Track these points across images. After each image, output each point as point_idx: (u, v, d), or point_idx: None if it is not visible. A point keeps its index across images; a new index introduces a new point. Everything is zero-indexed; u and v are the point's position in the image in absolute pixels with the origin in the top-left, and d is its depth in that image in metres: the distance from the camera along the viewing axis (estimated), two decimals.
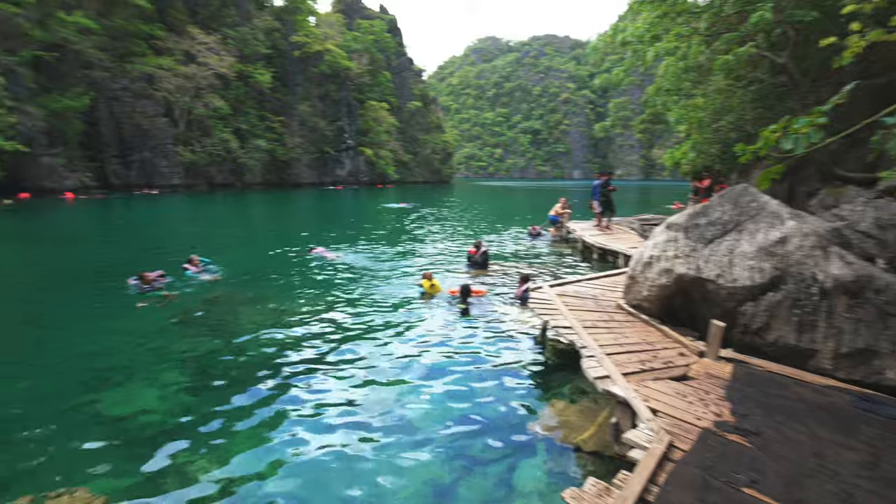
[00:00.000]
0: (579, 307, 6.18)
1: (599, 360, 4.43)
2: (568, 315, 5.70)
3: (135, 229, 21.08)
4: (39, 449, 4.27)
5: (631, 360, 4.53)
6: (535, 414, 5.00)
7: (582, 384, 5.54)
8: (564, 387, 5.62)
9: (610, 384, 4.00)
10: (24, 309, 9.20)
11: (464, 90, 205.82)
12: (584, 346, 4.78)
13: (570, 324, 5.41)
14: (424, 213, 29.06)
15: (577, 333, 5.13)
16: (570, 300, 6.49)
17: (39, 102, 35.08)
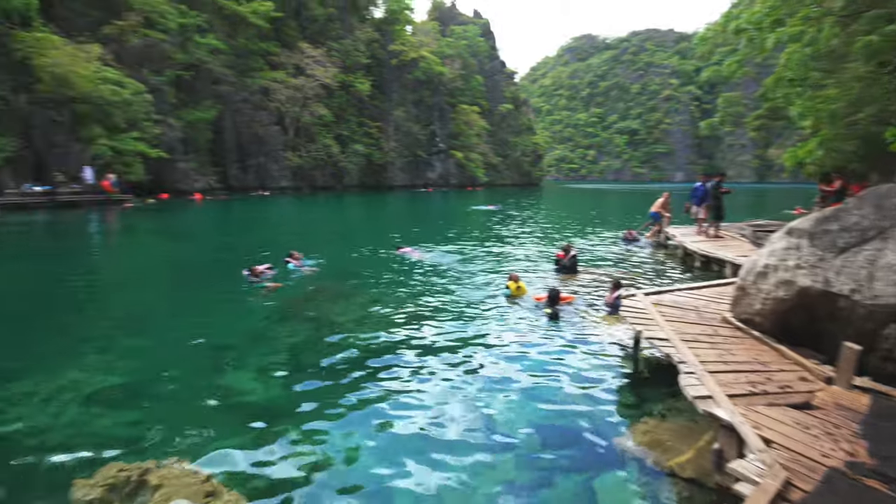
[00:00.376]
0: (678, 318, 5.69)
1: (700, 378, 4.03)
2: (665, 326, 5.27)
3: (250, 226, 23.41)
4: (159, 418, 4.82)
5: (738, 380, 4.06)
6: (624, 429, 4.68)
7: (678, 402, 5.08)
8: (657, 403, 5.20)
9: (712, 405, 3.61)
10: (158, 293, 10.62)
11: (556, 91, 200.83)
12: (683, 362, 4.37)
13: (666, 336, 4.99)
14: (512, 215, 28.77)
15: (674, 346, 4.71)
16: (667, 310, 6.00)
17: (178, 115, 40.37)
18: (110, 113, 31.32)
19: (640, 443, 4.41)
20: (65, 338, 7.31)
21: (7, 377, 5.55)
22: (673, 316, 5.76)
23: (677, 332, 5.08)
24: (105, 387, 5.42)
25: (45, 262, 13.84)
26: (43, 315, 8.46)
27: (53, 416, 4.75)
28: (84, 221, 23.34)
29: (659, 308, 6.04)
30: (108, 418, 4.78)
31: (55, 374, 5.64)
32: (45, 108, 29.68)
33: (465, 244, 16.31)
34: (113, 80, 31.39)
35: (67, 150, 30.43)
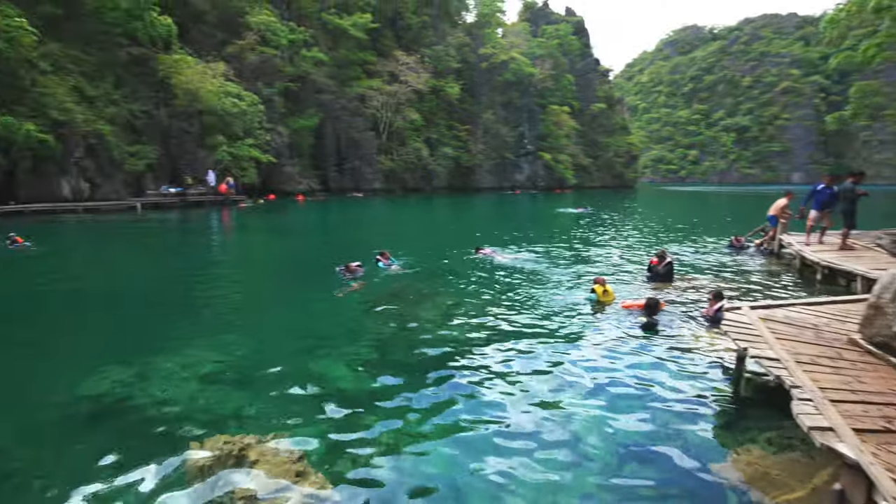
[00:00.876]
0: (792, 337, 5.06)
1: (819, 407, 3.55)
2: (775, 345, 4.72)
3: (345, 226, 24.92)
4: (259, 398, 5.27)
5: (868, 412, 3.51)
6: (723, 458, 4.25)
7: (789, 432, 4.53)
8: (763, 431, 4.65)
9: (833, 439, 3.16)
10: (264, 285, 11.70)
11: (654, 87, 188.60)
12: (797, 386, 3.88)
13: (777, 356, 4.46)
14: (602, 218, 27.55)
15: (787, 369, 4.20)
16: (778, 327, 5.37)
17: (286, 123, 44.14)
18: (230, 123, 35.09)
19: (743, 474, 3.99)
20: (185, 322, 8.28)
21: (137, 355, 6.40)
22: (786, 334, 5.14)
23: (791, 353, 4.52)
24: (214, 368, 6.03)
25: (175, 254, 15.91)
26: (168, 301, 9.70)
27: (173, 390, 5.41)
28: (207, 219, 26.40)
29: (768, 324, 5.43)
30: (216, 395, 5.33)
31: (175, 355, 6.39)
32: (179, 120, 34.06)
33: (550, 247, 15.92)
34: (233, 94, 35.13)
35: (195, 157, 34.64)
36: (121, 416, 4.88)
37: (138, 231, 21.80)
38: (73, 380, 5.61)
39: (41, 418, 4.92)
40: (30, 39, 24.89)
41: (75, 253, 16.44)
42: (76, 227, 22.46)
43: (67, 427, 4.75)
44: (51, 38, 27.76)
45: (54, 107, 25.66)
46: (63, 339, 7.49)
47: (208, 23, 40.99)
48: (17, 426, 4.83)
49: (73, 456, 4.24)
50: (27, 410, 5.14)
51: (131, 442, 4.40)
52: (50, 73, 26.92)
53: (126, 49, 32.28)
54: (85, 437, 4.60)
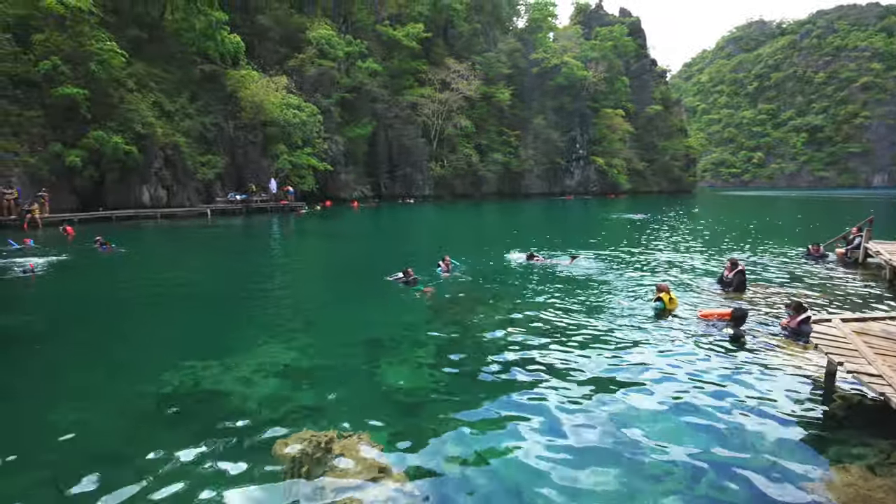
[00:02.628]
0: (893, 352, 4.74)
1: None
2: (876, 360, 4.44)
3: (399, 231, 25.48)
4: (333, 396, 5.52)
5: None
6: (817, 477, 4.04)
7: (893, 452, 4.25)
8: (860, 451, 4.39)
9: None
10: (328, 288, 12.20)
11: (715, 87, 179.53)
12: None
13: (880, 372, 4.20)
14: (662, 225, 26.56)
15: (892, 386, 3.95)
16: (875, 341, 5.03)
17: (342, 132, 45.76)
18: (291, 133, 36.86)
19: (842, 495, 3.79)
20: (256, 321, 8.81)
21: (217, 351, 6.89)
22: (885, 349, 4.81)
23: (895, 370, 4.25)
24: (289, 366, 6.38)
25: (242, 258, 16.90)
26: (241, 302, 10.33)
27: (254, 386, 5.76)
28: (269, 225, 27.81)
29: (864, 338, 5.10)
30: (292, 391, 5.65)
31: (251, 352, 6.83)
32: (245, 131, 36.16)
33: (609, 254, 15.56)
34: (294, 105, 36.89)
35: (259, 166, 36.62)
36: (208, 408, 5.24)
37: (209, 236, 23.32)
38: (162, 373, 6.07)
39: (135, 408, 5.33)
40: (119, 61, 27.36)
41: (156, 256, 17.85)
42: (155, 231, 24.34)
43: (156, 418, 5.11)
44: (136, 58, 30.35)
45: (138, 121, 28.02)
46: (149, 335, 8.19)
47: (272, 39, 43.35)
48: (114, 412, 5.26)
49: (168, 443, 4.55)
50: (121, 400, 5.58)
51: (221, 432, 4.72)
52: (135, 91, 29.43)
53: (200, 66, 34.74)
54: (177, 426, 4.95)
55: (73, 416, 5.11)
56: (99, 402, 5.58)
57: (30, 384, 6.12)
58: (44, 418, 5.09)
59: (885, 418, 4.56)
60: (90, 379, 6.29)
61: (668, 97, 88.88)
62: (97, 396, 5.74)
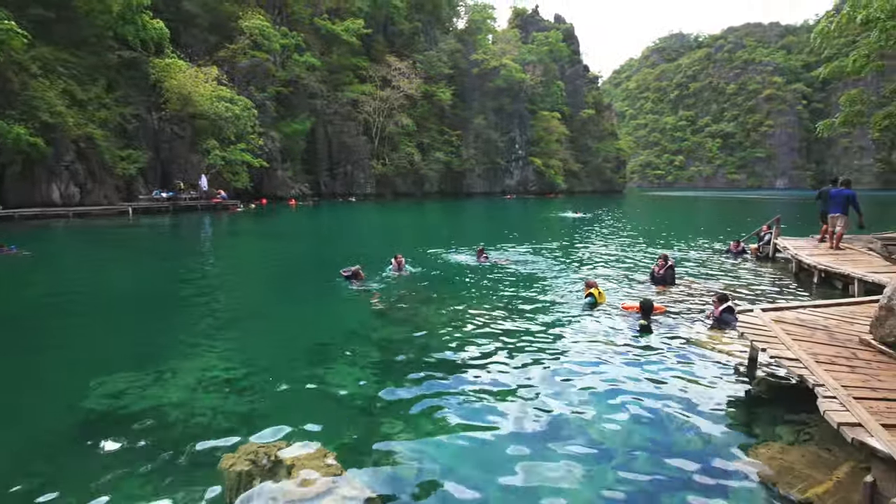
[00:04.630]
0: (806, 338, 5.25)
1: (846, 404, 3.72)
2: (793, 346, 4.90)
3: (339, 230, 24.86)
4: (278, 404, 5.29)
5: (892, 408, 3.69)
6: (744, 453, 4.39)
7: (807, 428, 4.71)
8: (780, 427, 4.83)
9: (863, 434, 3.33)
10: (266, 290, 11.65)
11: (641, 94, 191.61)
12: (821, 385, 4.05)
13: (796, 356, 4.64)
14: (599, 223, 27.90)
15: (808, 369, 4.38)
16: (791, 328, 5.56)
17: (278, 128, 43.95)
18: (223, 127, 34.89)
19: (767, 468, 4.14)
20: (190, 328, 8.24)
21: (148, 361, 6.38)
22: (800, 335, 5.33)
23: (809, 353, 4.71)
24: (229, 376, 6.00)
25: (170, 260, 15.75)
26: (169, 308, 9.65)
27: (191, 398, 5.36)
28: (200, 224, 26.15)
29: (781, 326, 5.62)
30: (231, 402, 5.31)
31: (184, 361, 6.37)
32: (171, 124, 33.75)
33: (550, 251, 16.11)
34: (226, 98, 34.93)
35: (187, 161, 34.33)
36: (141, 425, 4.81)
37: (130, 236, 21.55)
38: (84, 389, 5.52)
39: (57, 429, 4.81)
40: (20, 42, 24.54)
41: (68, 259, 16.21)
42: (67, 232, 22.13)
43: (85, 439, 4.61)
44: (41, 41, 27.39)
45: (45, 110, 25.30)
46: (67, 348, 7.40)
47: (200, 26, 40.75)
48: (31, 439, 4.69)
49: (99, 465, 4.16)
50: (41, 421, 5.03)
51: (158, 451, 4.36)
52: (40, 77, 26.54)
53: (117, 52, 31.96)
54: (106, 447, 4.48)
55: None
56: (11, 423, 4.97)
57: None
58: None
59: (801, 397, 5.04)
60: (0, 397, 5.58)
61: (600, 101, 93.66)
62: (9, 418, 5.11)
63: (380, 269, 12.04)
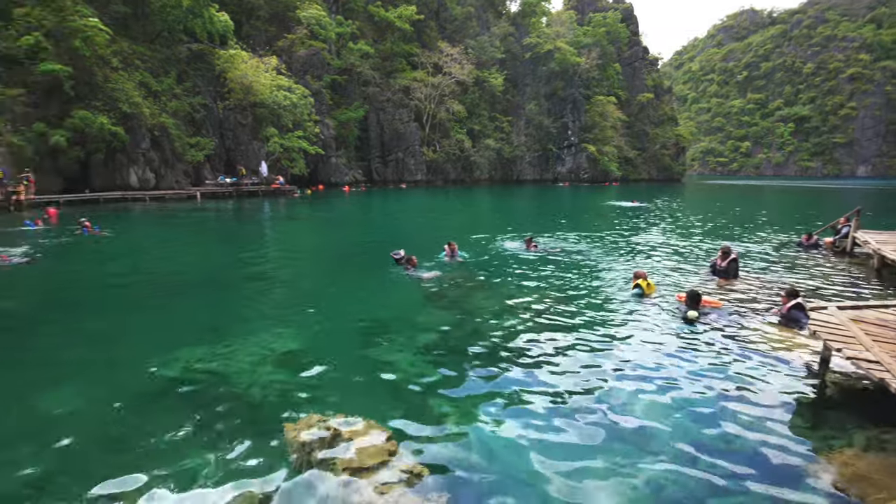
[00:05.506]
0: (889, 339, 4.89)
1: None
2: (873, 347, 4.58)
3: (391, 216, 25.35)
4: (336, 380, 5.55)
5: None
6: (813, 458, 4.17)
7: (886, 434, 4.41)
8: (852, 432, 4.54)
9: None
10: (320, 273, 12.14)
11: (706, 76, 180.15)
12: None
13: (878, 358, 4.34)
14: (655, 212, 26.81)
15: (890, 372, 4.09)
16: (872, 329, 5.18)
17: (333, 115, 45.11)
18: (281, 115, 36.23)
19: (838, 475, 3.93)
20: (252, 306, 8.75)
21: (216, 335, 6.86)
22: (881, 336, 4.96)
23: (893, 356, 4.38)
24: (289, 351, 6.34)
25: (234, 242, 16.70)
26: (234, 286, 10.28)
27: (256, 371, 5.73)
28: (260, 209, 27.48)
29: (861, 326, 5.25)
30: (294, 377, 5.63)
31: (250, 337, 6.76)
32: (235, 112, 35.45)
33: (601, 241, 15.71)
34: (285, 87, 36.19)
35: (249, 148, 36.01)
36: (213, 392, 5.20)
37: (198, 219, 22.98)
38: (162, 358, 6.00)
39: (144, 390, 5.27)
40: (103, 38, 26.51)
41: (145, 239, 17.54)
42: (144, 214, 23.91)
43: (165, 400, 5.07)
44: (121, 35, 29.44)
45: (124, 101, 27.29)
46: (146, 320, 8.06)
47: (261, 18, 42.30)
48: (122, 396, 5.15)
49: (174, 427, 4.53)
50: (129, 383, 5.50)
51: (228, 417, 4.72)
52: (120, 69, 28.60)
53: (187, 45, 33.83)
54: (181, 411, 4.86)
55: (72, 403, 5.06)
56: (97, 388, 5.49)
57: (24, 370, 6.02)
58: (41, 404, 5.01)
59: (878, 402, 4.72)
60: (87, 365, 6.19)
61: (659, 85, 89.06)
62: (96, 382, 5.65)
63: (432, 255, 12.22)
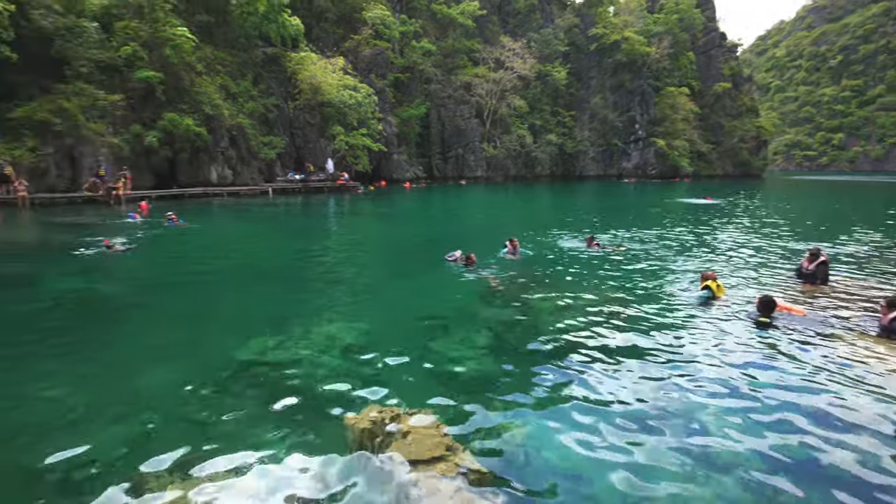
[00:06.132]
0: None
1: None
2: None
3: (451, 212, 25.56)
4: (395, 373, 5.67)
5: None
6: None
7: None
8: None
9: None
10: (382, 267, 12.49)
11: (792, 62, 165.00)
12: None
13: None
14: (731, 210, 25.07)
15: None
16: None
17: (395, 113, 46.10)
18: (347, 113, 37.51)
19: None
20: (318, 297, 9.18)
21: (284, 324, 7.22)
22: None
23: None
24: (353, 343, 6.56)
25: (301, 236, 17.57)
26: (302, 277, 10.82)
27: (320, 360, 5.99)
28: (326, 204, 28.70)
29: None
30: (357, 365, 5.84)
31: (316, 328, 7.05)
32: (304, 112, 37.17)
33: (669, 240, 14.91)
34: (350, 86, 37.44)
35: (317, 146, 37.65)
36: (280, 377, 5.51)
37: (270, 213, 24.39)
38: (236, 343, 6.42)
39: (219, 371, 5.67)
40: (189, 45, 28.74)
41: (223, 231, 18.90)
42: (222, 208, 25.73)
43: (237, 381, 5.44)
44: (204, 42, 31.76)
45: (207, 103, 29.46)
46: (220, 306, 8.73)
47: (329, 20, 43.97)
48: (201, 374, 5.57)
49: (244, 406, 4.88)
50: (207, 363, 5.97)
51: (294, 400, 4.99)
52: (203, 74, 30.87)
53: (262, 49, 35.87)
54: (252, 391, 5.23)
55: (158, 378, 5.57)
56: (180, 366, 5.97)
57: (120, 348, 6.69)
58: (133, 378, 5.56)
59: None
60: (172, 345, 6.77)
61: (738, 73, 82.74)
62: (179, 361, 6.15)
63: (493, 252, 12.21)
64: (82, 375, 5.66)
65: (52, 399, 5.08)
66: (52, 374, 5.66)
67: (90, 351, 6.46)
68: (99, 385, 5.48)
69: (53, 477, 3.84)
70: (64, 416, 4.74)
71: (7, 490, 3.79)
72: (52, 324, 7.55)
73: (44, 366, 5.92)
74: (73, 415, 4.76)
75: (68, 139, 25.05)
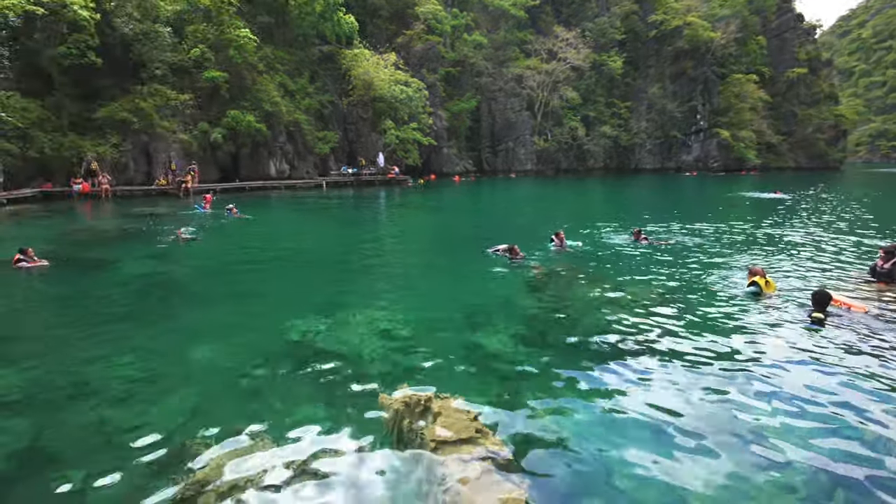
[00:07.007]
0: None
1: None
2: None
3: (499, 205, 25.50)
4: (431, 357, 5.83)
5: None
6: None
7: None
8: None
9: None
10: (428, 257, 12.74)
11: (881, 43, 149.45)
12: None
13: None
14: (802, 205, 23.34)
15: None
16: None
17: (446, 107, 46.35)
18: (398, 108, 38.17)
19: None
20: (364, 284, 9.52)
21: (331, 309, 7.60)
22: None
23: None
24: (391, 327, 6.80)
25: (353, 226, 18.20)
26: (350, 264, 11.27)
27: (361, 344, 6.25)
28: (377, 197, 29.46)
29: None
30: (397, 350, 6.05)
31: (360, 314, 7.34)
32: (357, 107, 38.20)
33: (727, 236, 14.14)
34: (402, 81, 38.03)
35: (368, 140, 38.62)
36: (324, 357, 5.82)
37: (324, 206, 25.36)
38: (286, 325, 6.85)
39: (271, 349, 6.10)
40: (252, 46, 30.29)
41: (279, 222, 19.90)
42: (279, 200, 27.05)
43: (287, 359, 5.84)
44: (265, 42, 33.34)
45: (267, 101, 30.98)
46: (273, 291, 9.28)
47: (382, 17, 44.78)
48: (255, 351, 6.04)
49: (290, 382, 5.27)
50: (260, 342, 6.43)
51: (335, 382, 5.26)
52: (264, 73, 32.45)
53: (318, 47, 37.15)
54: (298, 368, 5.59)
55: (215, 353, 6.08)
56: (234, 343, 6.45)
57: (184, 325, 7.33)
58: (192, 352, 6.10)
59: None
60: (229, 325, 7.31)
61: (816, 58, 76.14)
62: (234, 339, 6.64)
63: (540, 244, 12.15)
64: (149, 349, 6.25)
65: (122, 364, 5.69)
66: (123, 345, 6.30)
67: (157, 327, 7.13)
68: (162, 357, 6.05)
69: (110, 434, 4.33)
70: (131, 381, 5.30)
71: (71, 441, 4.30)
72: (126, 300, 8.40)
73: (118, 337, 6.59)
74: (139, 382, 5.31)
75: (144, 136, 27.27)
